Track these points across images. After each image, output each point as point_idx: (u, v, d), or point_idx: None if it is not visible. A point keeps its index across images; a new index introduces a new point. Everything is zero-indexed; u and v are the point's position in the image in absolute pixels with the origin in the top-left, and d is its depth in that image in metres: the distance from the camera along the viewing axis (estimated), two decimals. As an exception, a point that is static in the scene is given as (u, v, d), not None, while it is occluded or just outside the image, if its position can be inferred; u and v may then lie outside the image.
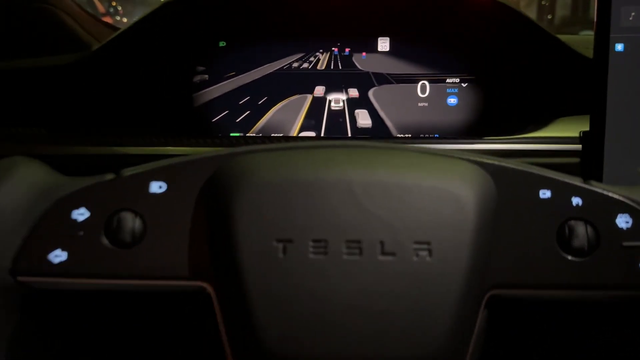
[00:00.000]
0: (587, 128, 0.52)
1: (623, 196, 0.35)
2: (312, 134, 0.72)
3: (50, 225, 0.34)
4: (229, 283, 0.33)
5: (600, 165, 0.52)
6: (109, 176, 0.36)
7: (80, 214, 0.34)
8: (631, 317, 0.40)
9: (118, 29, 0.74)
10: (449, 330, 0.32)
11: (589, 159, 0.52)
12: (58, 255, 0.34)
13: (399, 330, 0.32)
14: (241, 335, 0.33)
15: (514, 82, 0.68)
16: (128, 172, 0.36)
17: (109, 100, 0.67)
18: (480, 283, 0.33)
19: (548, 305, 0.37)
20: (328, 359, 0.32)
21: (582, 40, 0.67)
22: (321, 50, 0.72)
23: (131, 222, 0.34)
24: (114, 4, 6.16)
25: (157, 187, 0.35)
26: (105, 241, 0.34)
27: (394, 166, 0.35)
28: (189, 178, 0.35)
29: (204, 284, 0.34)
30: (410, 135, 0.71)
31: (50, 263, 0.34)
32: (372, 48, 0.71)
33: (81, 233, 0.34)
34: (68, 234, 0.34)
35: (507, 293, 0.34)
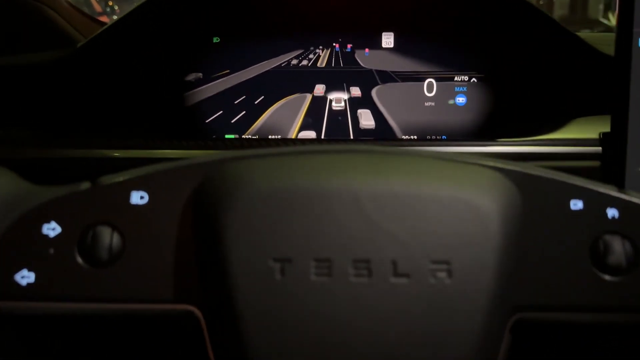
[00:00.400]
0: (607, 129, 0.49)
1: None
2: (312, 135, 0.68)
3: (16, 242, 0.30)
4: (219, 307, 0.29)
5: (623, 169, 0.49)
6: (84, 185, 0.32)
7: (51, 229, 0.31)
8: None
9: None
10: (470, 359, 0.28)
11: (610, 163, 0.48)
12: (25, 276, 0.30)
13: None
14: (233, 365, 0.29)
15: (527, 80, 0.64)
16: (105, 180, 0.32)
17: (94, 100, 0.63)
18: (505, 306, 0.30)
19: (580, 330, 0.33)
20: (333, 396, 0.28)
21: (601, 37, 0.63)
22: (321, 47, 0.68)
23: (108, 237, 0.30)
24: (110, 3, 6.12)
25: (137, 197, 0.31)
26: (79, 259, 0.30)
27: (407, 174, 0.31)
28: (174, 187, 0.31)
29: (191, 308, 0.31)
30: (416, 137, 0.68)
31: (17, 285, 0.30)
32: (376, 44, 0.67)
33: (51, 251, 0.30)
34: (37, 252, 0.30)
35: (534, 316, 0.31)
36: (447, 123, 0.67)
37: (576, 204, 0.31)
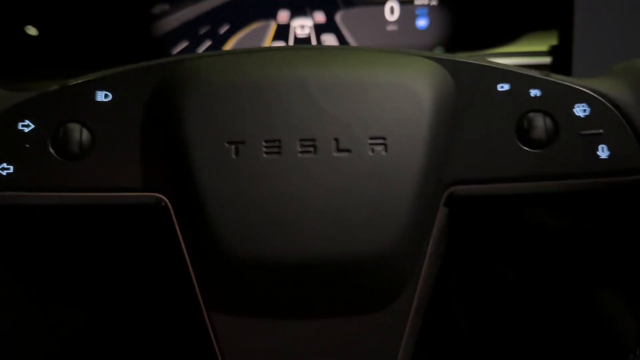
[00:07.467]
0: (556, 42, 0.51)
1: (580, 85, 0.34)
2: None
3: None
4: (182, 190, 0.32)
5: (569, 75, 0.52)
6: (53, 87, 0.34)
7: (25, 126, 0.33)
8: (594, 208, 0.41)
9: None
10: (407, 226, 0.32)
11: (558, 73, 0.51)
12: (5, 168, 0.33)
13: (357, 226, 0.31)
14: (199, 242, 0.33)
15: (483, -1, 0.66)
16: (72, 82, 0.34)
17: (61, 35, 0.64)
18: (438, 179, 0.33)
19: (510, 203, 0.37)
20: (286, 258, 0.31)
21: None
22: None
23: (78, 133, 0.33)
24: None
25: (102, 96, 0.34)
26: (52, 152, 0.33)
27: (349, 64, 0.34)
28: (135, 85, 0.34)
29: (158, 195, 0.34)
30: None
31: None
32: (337, -32, 0.68)
33: (27, 145, 0.33)
34: (14, 147, 0.33)
35: (467, 190, 0.34)
36: (409, 46, 0.69)
37: (503, 86, 0.34)
